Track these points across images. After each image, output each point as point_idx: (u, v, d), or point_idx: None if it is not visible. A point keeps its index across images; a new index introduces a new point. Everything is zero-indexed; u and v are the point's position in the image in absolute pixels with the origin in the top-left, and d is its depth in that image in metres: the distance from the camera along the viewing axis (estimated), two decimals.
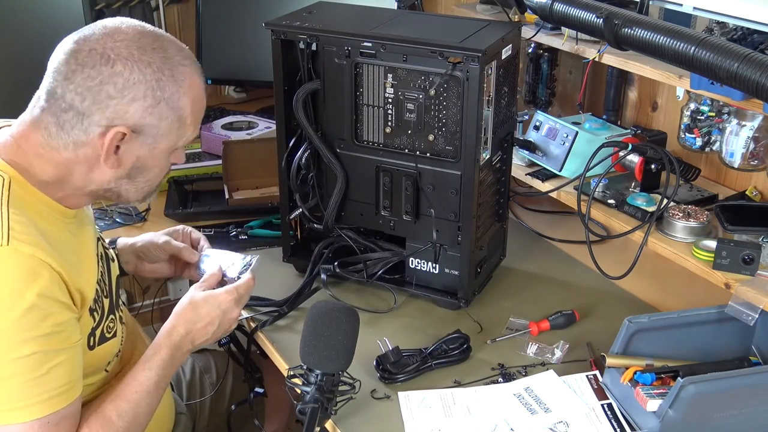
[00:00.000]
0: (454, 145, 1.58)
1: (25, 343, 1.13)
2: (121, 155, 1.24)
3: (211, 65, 2.55)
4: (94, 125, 1.20)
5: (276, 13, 1.71)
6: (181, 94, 1.24)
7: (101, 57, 1.18)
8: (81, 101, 1.18)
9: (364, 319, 1.36)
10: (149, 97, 1.21)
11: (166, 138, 1.26)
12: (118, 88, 1.18)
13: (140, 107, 1.20)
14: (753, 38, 1.48)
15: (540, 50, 2.09)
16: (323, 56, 1.61)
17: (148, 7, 2.61)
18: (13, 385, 1.14)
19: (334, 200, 1.70)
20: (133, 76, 1.19)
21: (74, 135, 1.20)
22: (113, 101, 1.19)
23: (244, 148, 2.15)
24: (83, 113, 1.19)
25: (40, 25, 2.28)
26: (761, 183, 1.73)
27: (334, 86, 1.63)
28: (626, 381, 1.40)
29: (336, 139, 1.67)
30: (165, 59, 1.22)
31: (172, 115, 1.24)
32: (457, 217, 1.61)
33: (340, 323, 1.29)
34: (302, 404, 1.26)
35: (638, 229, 1.61)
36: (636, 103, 1.99)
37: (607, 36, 1.49)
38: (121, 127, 1.20)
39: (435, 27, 1.69)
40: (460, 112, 1.54)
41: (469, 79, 1.48)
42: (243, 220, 2.01)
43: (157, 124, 1.23)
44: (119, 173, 1.26)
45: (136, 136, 1.23)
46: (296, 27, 1.60)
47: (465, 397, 1.45)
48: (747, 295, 1.41)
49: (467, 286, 1.66)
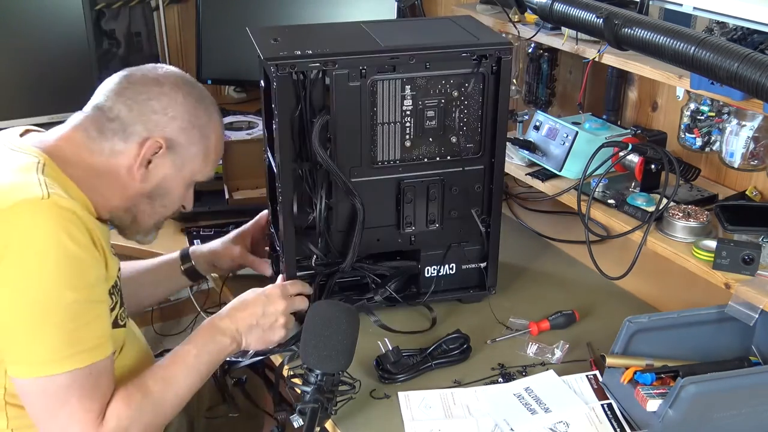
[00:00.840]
0: (475, 141, 1.59)
1: (67, 290, 1.17)
2: (150, 169, 1.33)
3: (211, 65, 2.56)
4: (135, 134, 1.30)
5: (276, 12, 1.70)
6: (211, 128, 1.39)
7: (152, 80, 1.33)
8: (128, 111, 1.30)
9: (363, 320, 1.36)
10: (186, 120, 1.34)
11: (191, 164, 1.37)
12: (162, 105, 1.32)
13: (178, 126, 1.33)
14: (753, 38, 1.48)
15: (540, 50, 2.09)
16: (334, 82, 1.47)
17: (148, 7, 2.61)
18: (55, 334, 1.17)
19: (358, 236, 1.56)
20: (177, 97, 1.33)
21: (113, 142, 1.31)
22: (156, 115, 1.31)
23: (244, 148, 2.15)
24: (126, 123, 1.30)
25: (40, 25, 2.29)
26: (761, 183, 1.73)
27: (346, 112, 1.49)
28: (626, 381, 1.40)
29: (348, 168, 1.54)
30: (202, 96, 1.39)
31: (201, 143, 1.37)
32: (481, 211, 1.64)
33: (340, 323, 1.29)
34: (302, 404, 1.27)
35: (638, 229, 1.61)
36: (636, 103, 1.99)
37: (607, 36, 1.49)
38: (159, 138, 1.31)
39: (421, 30, 1.67)
40: (482, 107, 1.56)
41: (502, 70, 1.53)
42: (243, 220, 2.00)
43: (187, 147, 1.35)
44: (143, 189, 1.34)
45: (169, 153, 1.33)
46: (305, 56, 1.44)
47: (465, 397, 1.45)
48: (747, 295, 1.41)
49: (494, 274, 1.71)
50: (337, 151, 1.52)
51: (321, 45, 1.49)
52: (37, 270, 1.15)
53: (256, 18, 2.50)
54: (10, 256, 1.14)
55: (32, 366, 1.18)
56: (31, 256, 1.15)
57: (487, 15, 2.09)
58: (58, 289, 1.16)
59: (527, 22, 1.99)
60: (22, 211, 1.16)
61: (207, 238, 1.92)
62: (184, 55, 2.73)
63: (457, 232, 1.66)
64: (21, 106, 2.30)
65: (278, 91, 1.44)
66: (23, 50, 2.30)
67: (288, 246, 1.56)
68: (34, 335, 1.17)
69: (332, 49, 1.47)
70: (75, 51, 2.33)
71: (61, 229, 1.16)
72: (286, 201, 1.52)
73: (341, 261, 1.59)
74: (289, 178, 1.51)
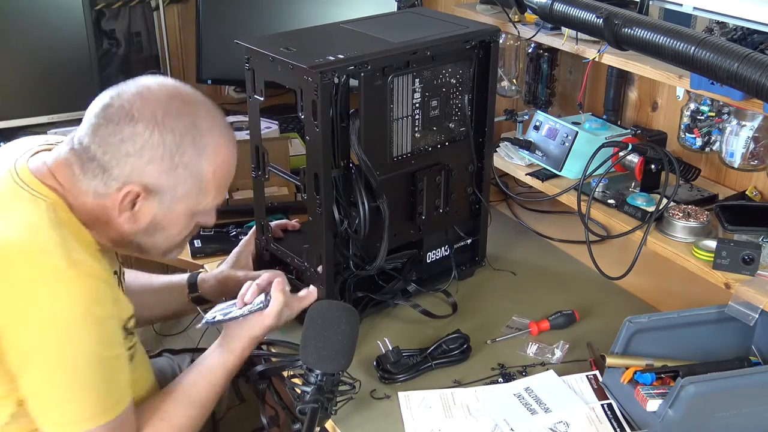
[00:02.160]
0: (465, 123, 1.67)
1: (97, 349, 1.19)
2: (136, 212, 1.26)
3: (211, 65, 2.56)
4: (112, 180, 1.22)
5: (276, 13, 1.69)
6: (202, 161, 1.25)
7: (126, 115, 1.20)
8: (102, 154, 1.21)
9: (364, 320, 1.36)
10: (166, 160, 1.22)
11: (184, 201, 1.27)
12: (137, 148, 1.20)
13: (156, 169, 1.22)
14: (753, 38, 1.48)
15: (540, 50, 2.09)
16: (362, 83, 1.47)
17: (148, 7, 2.61)
18: (89, 392, 1.21)
19: (388, 235, 1.55)
20: (153, 138, 1.20)
21: (95, 184, 1.23)
22: (131, 159, 1.21)
23: (244, 148, 2.13)
24: (104, 167, 1.22)
25: (40, 25, 2.29)
26: (761, 183, 1.73)
27: (371, 112, 1.51)
28: (626, 381, 1.40)
29: (374, 167, 1.53)
30: (190, 126, 1.23)
31: (191, 180, 1.25)
32: (472, 190, 1.74)
33: (339, 323, 1.29)
34: (302, 404, 1.26)
35: (638, 229, 1.61)
36: (636, 103, 1.99)
37: (607, 36, 1.49)
38: (136, 186, 1.22)
39: (407, 25, 1.69)
40: (472, 90, 1.65)
41: (492, 51, 1.64)
42: (243, 220, 2.01)
43: (174, 187, 1.25)
44: (136, 228, 1.28)
45: (153, 196, 1.25)
46: (342, 61, 1.42)
47: (465, 397, 1.45)
48: (747, 295, 1.41)
49: (484, 246, 1.83)
50: (365, 152, 1.51)
51: (335, 48, 1.47)
52: (67, 336, 1.17)
53: (256, 18, 2.49)
54: (38, 324, 1.16)
55: (68, 426, 1.22)
56: (59, 324, 1.16)
57: (487, 15, 2.09)
58: (90, 351, 1.19)
59: (527, 22, 1.99)
60: (47, 283, 1.16)
61: (207, 238, 1.92)
62: (184, 55, 2.73)
63: (453, 214, 1.72)
64: (21, 106, 2.31)
65: (321, 98, 1.39)
66: (23, 50, 2.30)
67: (328, 255, 1.52)
68: (69, 396, 1.21)
69: (350, 51, 1.46)
70: (75, 51, 2.33)
71: (88, 298, 1.17)
72: (328, 209, 1.49)
73: (361, 263, 1.60)
74: (329, 186, 1.48)
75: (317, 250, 1.53)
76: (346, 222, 1.52)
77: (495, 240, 1.88)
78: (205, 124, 1.25)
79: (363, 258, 1.59)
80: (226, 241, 1.93)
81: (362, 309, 1.62)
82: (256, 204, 1.68)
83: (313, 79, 1.38)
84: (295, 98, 1.44)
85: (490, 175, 1.77)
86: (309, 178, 1.48)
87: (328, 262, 1.53)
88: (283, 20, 2.46)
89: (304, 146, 1.76)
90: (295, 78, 1.43)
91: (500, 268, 1.85)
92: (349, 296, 1.61)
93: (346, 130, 1.49)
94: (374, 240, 1.56)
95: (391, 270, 1.68)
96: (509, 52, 2.15)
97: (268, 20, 2.48)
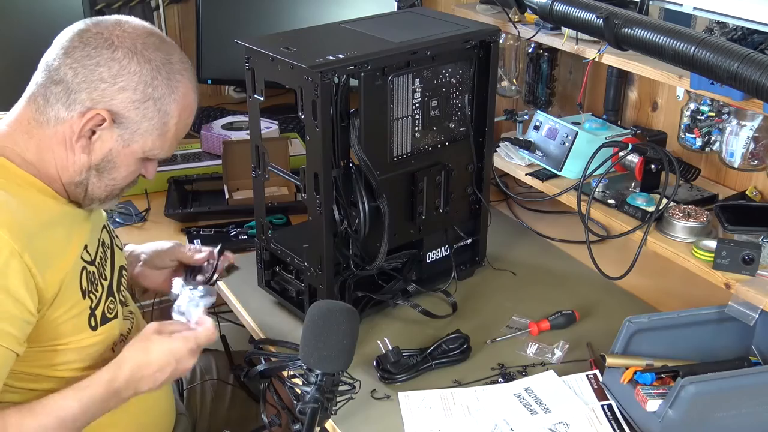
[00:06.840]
0: (465, 123, 1.67)
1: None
2: (93, 141, 1.24)
3: (211, 65, 2.56)
4: (77, 103, 1.21)
5: (276, 13, 1.69)
6: (172, 100, 1.26)
7: (105, 41, 1.20)
8: (73, 76, 1.20)
9: (364, 320, 1.36)
10: (139, 91, 1.22)
11: (142, 140, 1.26)
12: (112, 74, 1.20)
13: (127, 98, 1.22)
14: (753, 38, 1.48)
15: (540, 50, 2.09)
16: (362, 83, 1.47)
17: (148, 7, 2.61)
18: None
19: (388, 234, 1.55)
20: (131, 66, 1.21)
21: (56, 109, 1.22)
22: (103, 85, 1.20)
23: (244, 148, 2.14)
24: (71, 89, 1.20)
25: (40, 25, 2.28)
26: (761, 183, 1.73)
27: (371, 112, 1.51)
28: (626, 381, 1.40)
29: (374, 167, 1.54)
30: (166, 62, 1.24)
31: (157, 118, 1.25)
32: (472, 190, 1.74)
33: (339, 323, 1.29)
34: (302, 404, 1.26)
35: (638, 229, 1.61)
36: (636, 103, 1.99)
37: (607, 36, 1.49)
38: (102, 111, 1.21)
39: (408, 24, 1.69)
40: (473, 89, 1.66)
41: (492, 51, 1.64)
42: (243, 220, 2.01)
43: (138, 121, 1.24)
44: (89, 162, 1.26)
45: (114, 127, 1.23)
46: (342, 60, 1.42)
47: (465, 397, 1.45)
48: (747, 295, 1.41)
49: (484, 246, 1.83)
50: (365, 152, 1.51)
51: (335, 48, 1.46)
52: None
53: (256, 18, 2.50)
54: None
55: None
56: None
57: (487, 15, 2.09)
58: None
59: (527, 22, 1.98)
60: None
61: (207, 238, 1.93)
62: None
63: (453, 214, 1.72)
64: None
65: (321, 98, 1.39)
66: (23, 50, 2.29)
67: (328, 255, 1.52)
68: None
69: (350, 51, 1.46)
70: None
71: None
72: (328, 209, 1.49)
73: (361, 263, 1.59)
74: (329, 186, 1.48)
75: (317, 250, 1.53)
76: (346, 222, 1.52)
77: (495, 240, 1.88)
78: (179, 66, 1.27)
79: (363, 258, 1.59)
80: (226, 241, 1.93)
81: (362, 309, 1.62)
82: (256, 204, 1.68)
83: (313, 78, 1.38)
84: (295, 98, 1.45)
85: (490, 175, 1.77)
86: (309, 177, 1.48)
87: (328, 262, 1.53)
88: (283, 20, 2.46)
89: (304, 146, 1.76)
90: (295, 78, 1.43)
91: (500, 268, 1.86)
92: (349, 296, 1.61)
93: (346, 129, 1.49)
94: (374, 240, 1.56)
95: (391, 270, 1.68)
96: (509, 52, 2.15)
97: (268, 20, 2.48)
